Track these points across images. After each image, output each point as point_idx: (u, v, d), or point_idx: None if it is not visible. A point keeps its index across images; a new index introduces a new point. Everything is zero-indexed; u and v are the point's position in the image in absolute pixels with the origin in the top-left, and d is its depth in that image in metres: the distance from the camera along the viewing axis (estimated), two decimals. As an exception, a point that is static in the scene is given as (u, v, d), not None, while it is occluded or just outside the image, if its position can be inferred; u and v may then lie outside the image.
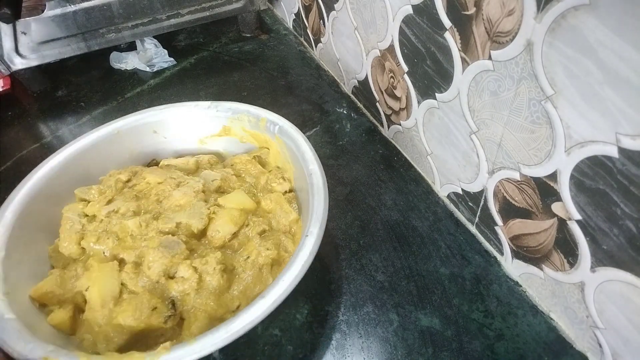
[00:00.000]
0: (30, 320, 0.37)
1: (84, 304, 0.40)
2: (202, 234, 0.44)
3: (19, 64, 0.69)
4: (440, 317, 0.44)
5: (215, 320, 0.38)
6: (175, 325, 0.39)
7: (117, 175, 0.49)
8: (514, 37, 0.36)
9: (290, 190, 0.49)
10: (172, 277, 0.40)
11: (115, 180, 0.48)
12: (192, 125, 0.54)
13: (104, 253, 0.42)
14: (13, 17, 0.62)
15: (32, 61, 0.69)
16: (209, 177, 0.49)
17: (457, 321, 0.43)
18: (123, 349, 0.37)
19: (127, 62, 0.79)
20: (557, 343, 0.41)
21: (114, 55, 0.79)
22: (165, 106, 0.54)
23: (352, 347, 0.42)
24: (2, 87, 0.70)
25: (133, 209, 0.45)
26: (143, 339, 0.38)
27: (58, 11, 0.67)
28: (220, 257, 0.41)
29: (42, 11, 0.66)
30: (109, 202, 0.46)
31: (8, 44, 0.67)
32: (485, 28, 0.38)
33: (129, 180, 0.49)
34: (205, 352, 0.33)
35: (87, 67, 0.80)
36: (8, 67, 0.68)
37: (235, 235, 0.44)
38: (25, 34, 0.67)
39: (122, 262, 0.41)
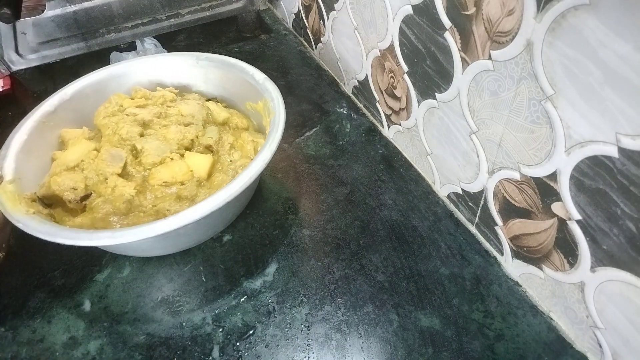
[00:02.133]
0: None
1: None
2: (150, 167, 0.49)
3: (19, 64, 0.69)
4: (440, 317, 0.44)
5: (92, 227, 0.45)
6: (78, 210, 0.47)
7: (167, 92, 0.58)
8: (514, 37, 0.36)
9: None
10: (105, 180, 0.47)
11: (161, 94, 0.57)
12: (246, 87, 0.57)
13: (100, 134, 0.53)
14: (13, 17, 0.62)
15: (32, 61, 0.69)
16: (209, 133, 0.54)
17: (457, 321, 0.43)
18: (45, 198, 0.47)
19: (127, 62, 0.79)
20: (557, 343, 0.41)
21: (114, 55, 0.79)
22: (236, 61, 0.59)
23: (352, 347, 0.42)
24: (2, 87, 0.70)
25: (145, 120, 0.53)
26: (58, 203, 0.48)
27: (58, 11, 0.67)
28: (132, 190, 0.46)
29: (42, 11, 0.66)
30: (141, 106, 0.55)
31: (8, 44, 0.67)
32: (485, 28, 0.38)
33: (173, 100, 0.57)
34: (37, 234, 0.40)
35: (87, 67, 0.79)
36: (8, 67, 0.68)
37: (166, 184, 0.48)
38: (25, 34, 0.67)
39: (96, 149, 0.51)
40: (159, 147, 0.50)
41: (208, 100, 0.60)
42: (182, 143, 0.51)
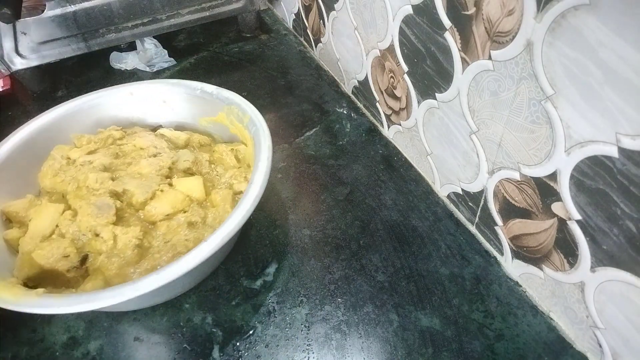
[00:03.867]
0: None
1: None
2: (142, 206, 0.46)
3: (19, 64, 0.69)
4: (440, 317, 0.44)
5: (108, 286, 0.40)
6: (79, 276, 0.42)
7: (113, 131, 0.53)
8: (514, 37, 0.36)
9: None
10: (97, 235, 0.43)
11: (108, 134, 0.53)
12: (197, 104, 0.57)
13: (63, 195, 0.47)
14: (13, 17, 0.62)
15: (32, 61, 0.69)
16: (183, 157, 0.51)
17: (457, 321, 0.43)
18: (31, 279, 0.41)
19: (127, 62, 0.79)
20: (557, 343, 0.41)
21: (114, 55, 0.79)
22: (177, 81, 0.58)
23: (352, 347, 0.42)
24: (2, 87, 0.70)
25: (105, 164, 0.48)
26: (52, 277, 0.42)
27: (58, 11, 0.67)
28: (138, 233, 0.43)
29: (42, 11, 0.66)
30: (91, 152, 0.50)
31: (8, 44, 0.67)
32: (485, 28, 0.38)
33: (122, 138, 0.53)
34: (61, 311, 0.35)
35: (87, 67, 0.80)
36: (8, 67, 0.68)
37: (168, 216, 0.45)
38: (25, 34, 0.67)
39: (69, 208, 0.45)
40: (142, 184, 0.46)
41: (154, 129, 0.57)
42: (162, 173, 0.48)
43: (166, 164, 0.49)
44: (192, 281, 0.46)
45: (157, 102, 0.58)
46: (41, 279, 0.41)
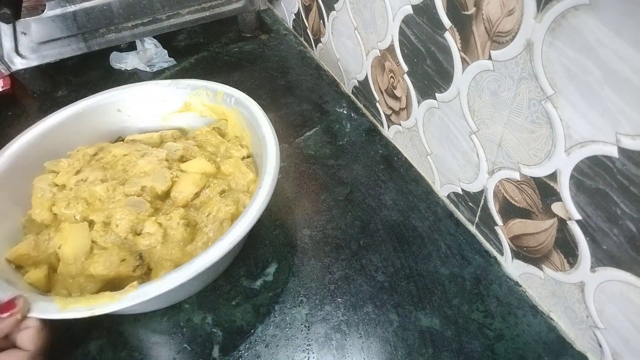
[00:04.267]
0: (8, 278, 0.39)
1: (58, 263, 0.42)
2: (166, 195, 0.47)
3: (19, 64, 0.69)
4: (440, 317, 0.44)
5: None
6: (143, 274, 0.41)
7: (84, 149, 0.51)
8: (514, 37, 0.36)
9: (249, 156, 0.53)
10: (139, 234, 0.43)
11: (83, 154, 0.51)
12: (155, 103, 0.56)
13: (74, 217, 0.45)
14: (13, 17, 0.62)
15: (32, 61, 0.69)
16: (172, 147, 0.52)
17: (457, 321, 0.43)
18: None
19: (127, 62, 0.79)
20: (557, 343, 0.41)
21: (114, 55, 0.79)
22: (127, 86, 0.56)
23: (352, 347, 0.42)
24: (2, 87, 0.70)
25: (100, 177, 0.47)
26: (115, 288, 0.39)
27: (58, 11, 0.67)
28: (183, 213, 0.44)
29: (42, 11, 0.66)
30: (78, 172, 0.48)
31: (8, 44, 0.67)
32: (485, 28, 0.38)
33: (95, 154, 0.51)
34: (169, 286, 0.35)
35: (87, 67, 0.80)
36: (8, 67, 0.68)
37: (197, 195, 0.47)
38: (25, 34, 0.67)
39: (92, 223, 0.44)
40: (155, 177, 0.46)
41: (115, 141, 0.56)
42: (165, 165, 0.48)
43: (163, 157, 0.49)
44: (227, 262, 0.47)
45: (111, 112, 0.55)
46: (104, 291, 0.39)
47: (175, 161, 0.50)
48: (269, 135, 0.47)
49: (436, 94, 0.49)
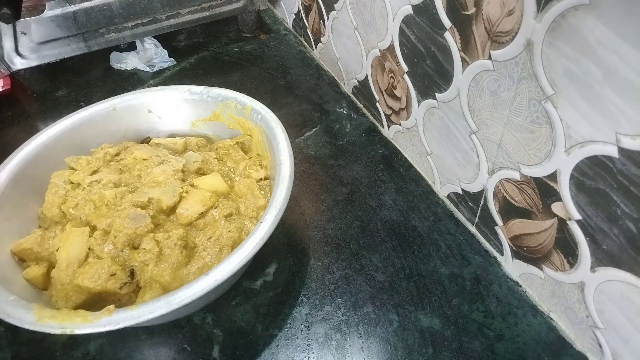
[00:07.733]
0: (6, 273, 0.40)
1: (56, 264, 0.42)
2: (172, 210, 0.45)
3: (19, 64, 0.69)
4: (440, 317, 0.44)
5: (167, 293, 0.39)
6: (131, 292, 0.40)
7: (107, 148, 0.51)
8: (514, 37, 0.36)
9: (266, 178, 0.51)
10: (136, 248, 0.42)
11: (104, 153, 0.51)
12: (185, 108, 0.56)
13: (80, 219, 0.44)
14: (13, 17, 0.62)
15: (32, 61, 0.69)
16: (191, 158, 0.51)
17: (457, 321, 0.43)
18: (79, 307, 0.39)
19: (127, 62, 0.79)
20: (557, 343, 0.41)
21: (114, 55, 0.79)
22: (161, 88, 0.56)
23: (352, 347, 0.42)
24: (2, 87, 0.70)
25: (114, 180, 0.47)
26: (100, 302, 0.40)
27: (58, 11, 0.67)
28: (182, 234, 0.42)
29: (42, 11, 0.66)
30: (94, 172, 0.48)
31: (8, 44, 0.67)
32: (485, 28, 0.38)
33: (118, 154, 0.51)
34: (143, 318, 0.34)
35: (87, 67, 0.80)
36: (8, 67, 0.68)
37: (202, 215, 0.45)
38: (25, 34, 0.67)
39: (94, 229, 0.43)
40: (164, 190, 0.45)
41: (143, 142, 0.56)
42: (178, 177, 0.48)
43: (179, 168, 0.48)
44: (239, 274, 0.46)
45: (142, 112, 0.56)
46: (90, 305, 0.40)
47: (191, 173, 0.49)
48: (285, 164, 0.45)
49: (436, 94, 0.49)
